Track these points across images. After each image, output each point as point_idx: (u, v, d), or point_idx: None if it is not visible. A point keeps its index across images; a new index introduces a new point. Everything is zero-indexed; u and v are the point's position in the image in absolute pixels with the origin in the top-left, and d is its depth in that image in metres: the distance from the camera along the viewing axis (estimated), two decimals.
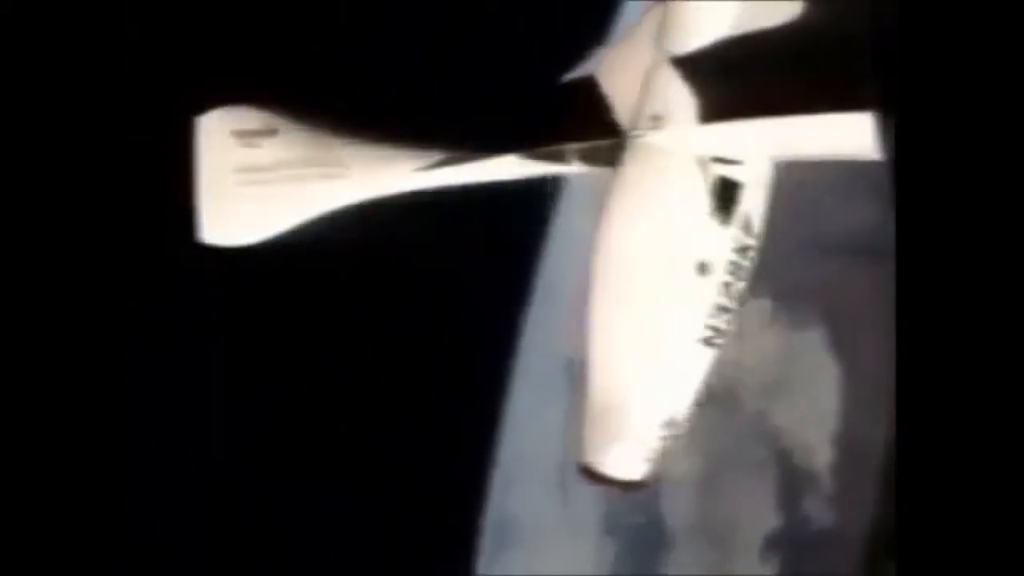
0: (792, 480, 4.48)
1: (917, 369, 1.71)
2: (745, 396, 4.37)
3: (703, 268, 2.91)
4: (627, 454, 2.97)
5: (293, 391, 3.77)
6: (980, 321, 1.68)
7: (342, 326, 3.73)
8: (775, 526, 4.37)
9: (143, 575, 3.72)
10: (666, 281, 2.90)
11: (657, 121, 2.74)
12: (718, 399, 4.10)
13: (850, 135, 2.33)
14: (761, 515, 4.30)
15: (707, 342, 2.97)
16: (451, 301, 3.65)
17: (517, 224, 3.43)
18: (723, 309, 2.96)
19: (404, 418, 3.70)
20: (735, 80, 2.57)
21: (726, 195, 2.90)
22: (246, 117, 3.14)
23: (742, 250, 2.97)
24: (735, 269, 2.96)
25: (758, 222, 2.99)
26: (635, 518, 3.73)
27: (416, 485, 3.77)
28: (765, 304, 4.62)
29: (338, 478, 3.75)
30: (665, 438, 2.98)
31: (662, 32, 2.76)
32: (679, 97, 2.71)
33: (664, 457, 3.01)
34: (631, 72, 2.84)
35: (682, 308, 2.92)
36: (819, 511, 4.41)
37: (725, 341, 3.03)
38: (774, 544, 4.32)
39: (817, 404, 4.45)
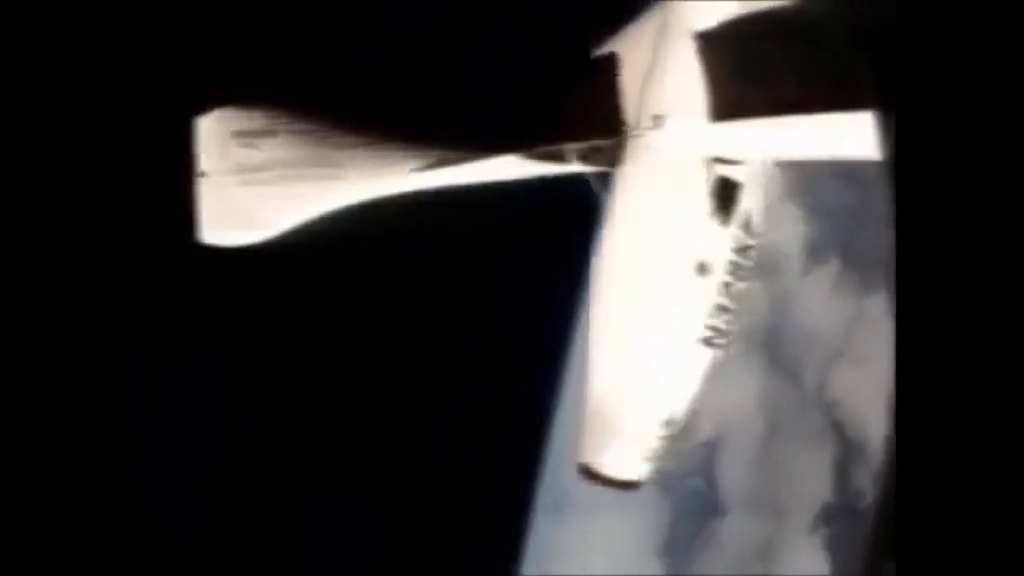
0: (847, 453, 4.48)
1: (917, 369, 1.71)
2: (809, 364, 4.37)
3: (703, 268, 2.91)
4: (626, 454, 2.97)
5: (293, 390, 3.77)
6: (980, 321, 1.68)
7: (342, 326, 3.73)
8: (828, 500, 4.37)
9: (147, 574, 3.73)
10: (666, 281, 2.90)
11: (658, 121, 2.74)
12: (783, 366, 4.09)
13: (850, 135, 2.33)
14: (815, 487, 4.29)
15: (707, 342, 2.97)
16: (467, 292, 3.66)
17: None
18: (723, 309, 2.96)
19: (440, 406, 3.70)
20: (736, 81, 2.57)
21: (726, 195, 2.90)
22: (246, 117, 3.15)
23: (742, 250, 2.97)
24: (735, 269, 2.97)
25: (758, 222, 3.00)
26: (692, 482, 3.71)
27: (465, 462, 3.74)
28: (833, 269, 4.62)
29: (357, 472, 3.75)
30: (664, 438, 2.98)
31: (674, 15, 2.75)
32: (680, 97, 2.71)
33: (662, 457, 3.02)
34: (633, 71, 2.85)
35: (682, 308, 2.92)
36: (871, 486, 4.40)
37: (725, 342, 3.04)
38: (825, 517, 4.31)
39: (877, 375, 4.42)
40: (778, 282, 3.91)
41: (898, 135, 1.79)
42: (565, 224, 3.07)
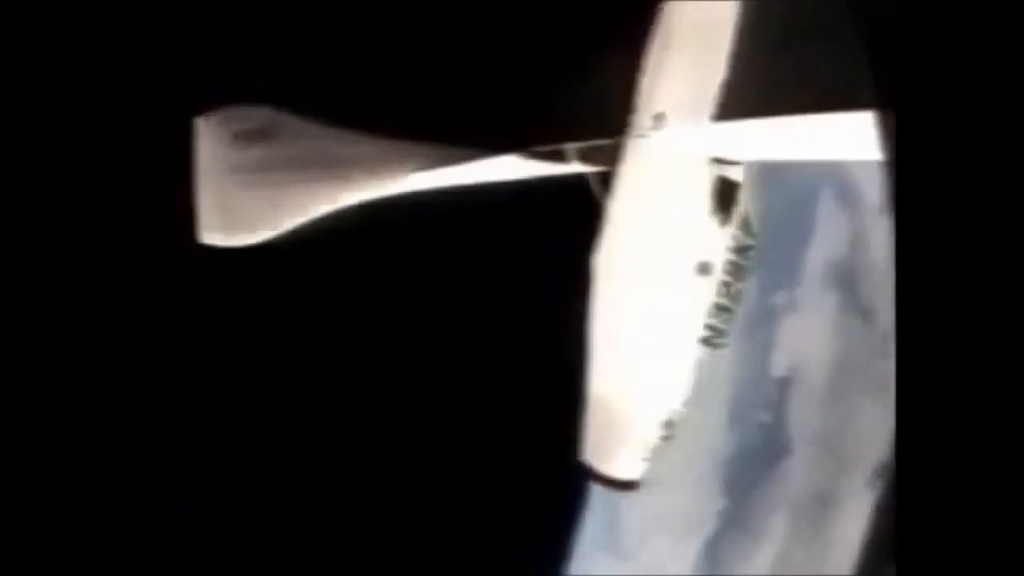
0: None
1: (917, 369, 1.72)
2: (883, 306, 4.33)
3: (703, 268, 2.92)
4: (626, 454, 2.98)
5: (293, 390, 3.77)
6: (981, 321, 1.68)
7: (342, 326, 3.73)
8: (887, 454, 4.33)
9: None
10: (666, 281, 2.90)
11: (658, 121, 2.75)
12: (858, 305, 4.05)
13: (850, 135, 2.34)
14: (877, 440, 4.24)
15: (706, 342, 2.97)
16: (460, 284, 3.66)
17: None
18: (722, 309, 2.97)
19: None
20: (736, 81, 2.57)
21: (726, 195, 2.90)
22: (246, 117, 3.15)
23: (741, 250, 2.97)
24: (734, 269, 2.97)
25: (757, 222, 3.00)
26: (761, 417, 3.66)
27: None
28: None
29: (357, 473, 3.75)
30: (664, 438, 2.98)
31: (674, 16, 2.75)
32: (680, 97, 2.71)
33: (661, 457, 3.02)
34: (633, 71, 2.85)
35: (681, 308, 2.93)
36: None
37: (725, 341, 3.05)
38: (883, 471, 4.28)
39: None
40: (855, 218, 3.85)
41: (898, 135, 1.79)
42: (565, 224, 3.07)
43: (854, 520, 3.82)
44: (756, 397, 3.33)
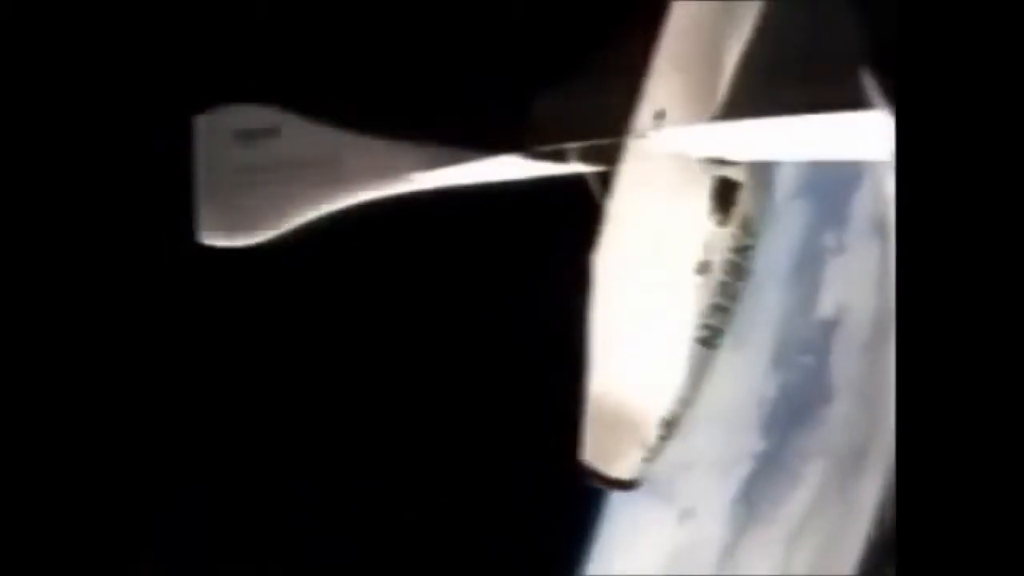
0: None
1: (918, 369, 1.72)
2: None
3: (702, 268, 2.91)
4: (625, 453, 2.97)
5: (293, 391, 3.77)
6: (981, 320, 1.68)
7: (342, 326, 3.74)
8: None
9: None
10: (665, 281, 2.90)
11: (658, 120, 2.74)
12: None
13: (851, 135, 2.33)
14: None
15: (705, 342, 2.97)
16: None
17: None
18: (721, 309, 2.97)
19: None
20: (736, 80, 2.57)
21: (725, 195, 2.90)
22: (246, 117, 3.15)
23: (741, 250, 2.97)
24: (734, 269, 2.97)
25: (757, 222, 3.00)
26: (805, 359, 3.62)
27: None
28: None
29: (358, 474, 3.75)
30: (663, 437, 2.98)
31: (674, 16, 2.75)
32: (680, 96, 2.71)
33: (661, 456, 3.02)
34: (633, 71, 2.84)
35: (681, 308, 2.92)
36: None
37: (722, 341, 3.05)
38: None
39: None
40: None
41: (898, 135, 1.79)
42: (565, 224, 3.07)
43: (880, 479, 3.77)
44: (800, 339, 3.28)
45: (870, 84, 2.02)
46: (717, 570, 3.12)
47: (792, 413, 3.34)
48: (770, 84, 2.52)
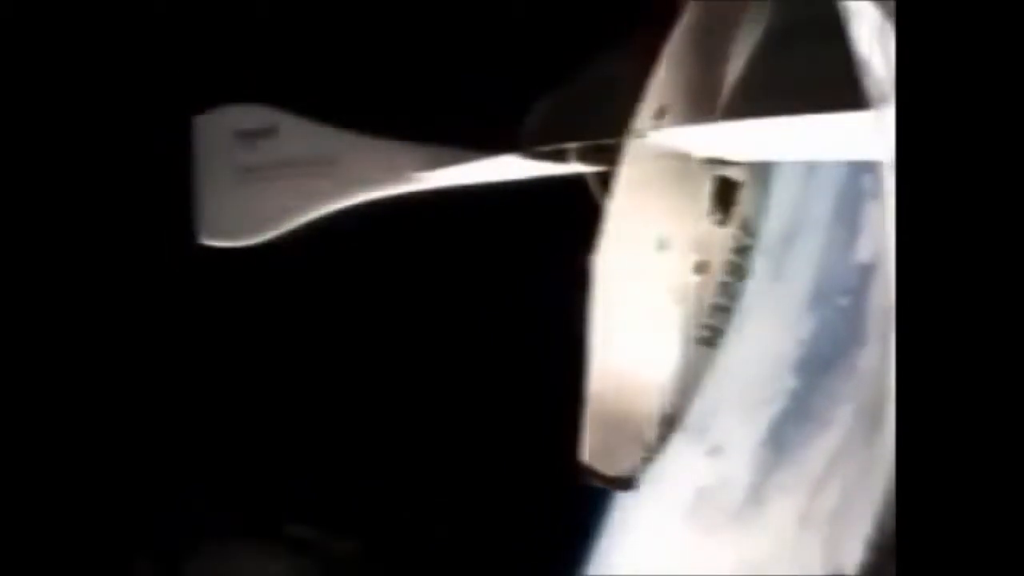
0: None
1: (918, 369, 1.72)
2: None
3: (702, 268, 2.92)
4: (625, 453, 2.97)
5: (293, 391, 3.77)
6: (981, 320, 1.68)
7: (342, 327, 3.73)
8: None
9: None
10: (665, 281, 2.90)
11: (658, 120, 2.74)
12: None
13: (850, 135, 2.33)
14: None
15: (706, 342, 2.97)
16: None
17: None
18: (721, 309, 2.97)
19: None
20: (736, 81, 2.57)
21: (725, 195, 2.90)
22: (246, 116, 3.15)
23: (741, 250, 2.97)
24: (734, 269, 2.97)
25: (757, 222, 3.00)
26: (842, 301, 3.58)
27: None
28: None
29: (358, 474, 3.75)
30: (663, 437, 2.98)
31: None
32: (680, 96, 2.71)
33: (660, 455, 3.02)
34: (633, 71, 2.84)
35: (680, 308, 2.92)
36: None
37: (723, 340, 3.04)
38: None
39: None
40: None
41: (898, 135, 1.79)
42: (564, 224, 3.07)
43: None
44: (838, 280, 3.23)
45: (870, 84, 2.02)
46: (742, 510, 3.10)
47: (826, 355, 3.30)
48: (770, 84, 2.52)
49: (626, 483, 3.04)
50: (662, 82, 2.74)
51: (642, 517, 3.10)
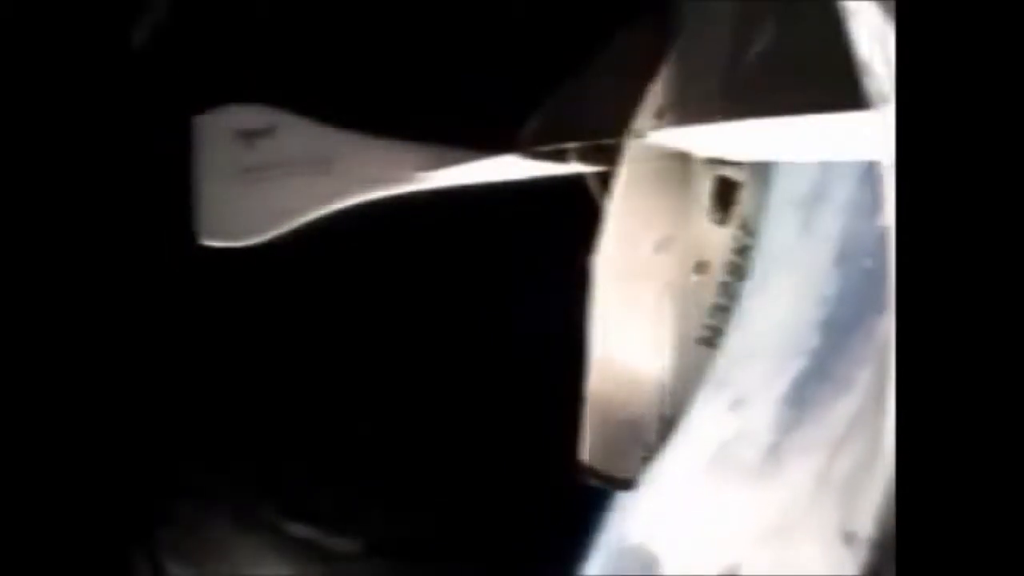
0: None
1: (918, 373, 1.72)
2: None
3: (701, 268, 2.92)
4: (625, 453, 2.97)
5: (293, 391, 3.77)
6: (981, 320, 1.68)
7: (342, 327, 3.74)
8: None
9: None
10: (665, 281, 2.91)
11: (658, 120, 2.74)
12: None
13: (850, 135, 2.34)
14: None
15: (706, 342, 2.97)
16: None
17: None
18: (721, 309, 2.97)
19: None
20: (736, 81, 2.57)
21: (725, 195, 2.91)
22: (246, 116, 3.15)
23: (741, 250, 2.97)
24: (734, 269, 2.97)
25: (757, 222, 3.00)
26: (865, 262, 3.58)
27: None
28: None
29: (359, 474, 3.75)
30: (662, 437, 2.98)
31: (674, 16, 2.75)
32: (680, 96, 2.71)
33: (660, 455, 3.02)
34: (633, 71, 2.85)
35: (680, 308, 2.93)
36: None
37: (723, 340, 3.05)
38: None
39: None
40: None
41: (898, 135, 1.79)
42: (565, 224, 3.07)
43: None
44: (863, 241, 3.22)
45: (868, 84, 2.02)
46: (760, 468, 3.10)
47: (848, 316, 3.28)
48: (770, 84, 2.52)
49: (626, 483, 3.04)
50: (662, 82, 2.74)
51: (665, 470, 3.10)
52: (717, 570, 3.09)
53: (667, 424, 2.98)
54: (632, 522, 3.12)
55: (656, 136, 2.74)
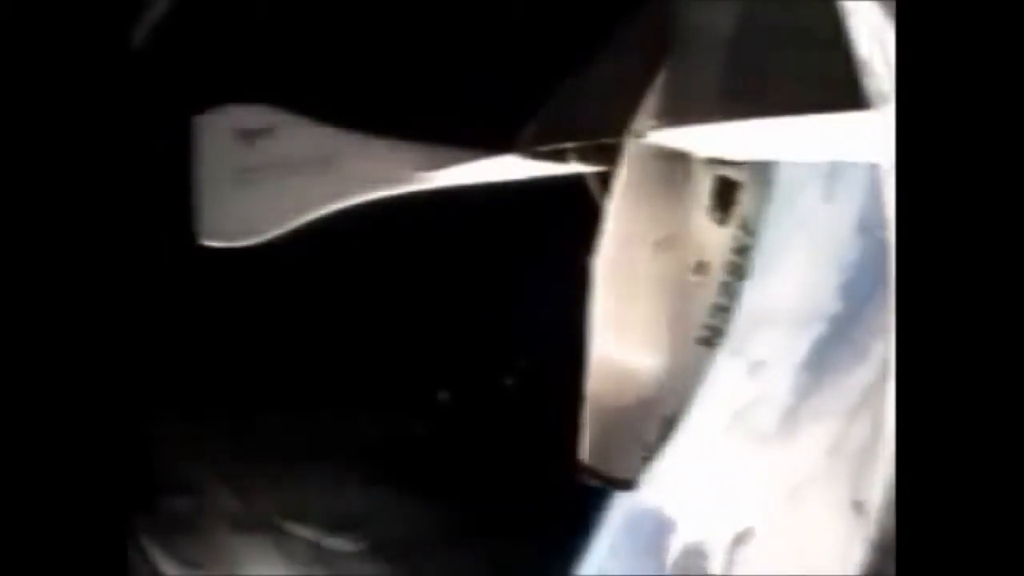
0: None
1: (918, 374, 1.72)
2: None
3: (701, 268, 2.92)
4: (625, 453, 2.98)
5: (293, 391, 3.78)
6: (981, 320, 1.68)
7: (342, 327, 3.74)
8: None
9: None
10: (664, 281, 2.91)
11: (657, 120, 2.74)
12: None
13: (850, 135, 2.34)
14: None
15: (706, 342, 2.97)
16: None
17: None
18: (721, 309, 2.97)
19: None
20: (736, 81, 2.57)
21: (725, 195, 2.91)
22: (246, 116, 3.15)
23: (741, 250, 2.97)
24: (734, 269, 2.97)
25: (757, 222, 3.00)
26: (879, 232, 3.59)
27: None
28: None
29: (359, 473, 3.76)
30: (662, 437, 2.98)
31: (674, 15, 2.75)
32: (680, 96, 2.71)
33: (660, 455, 3.02)
34: (634, 71, 2.85)
35: (680, 308, 2.93)
36: None
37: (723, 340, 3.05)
38: None
39: None
40: None
41: (898, 135, 1.79)
42: (565, 224, 3.07)
43: None
44: (881, 212, 3.24)
45: (867, 84, 2.02)
46: (776, 433, 3.09)
47: (867, 285, 3.27)
48: (770, 84, 2.52)
49: (626, 483, 3.04)
50: (662, 82, 2.74)
51: (684, 433, 3.10)
52: (730, 533, 3.09)
53: (667, 424, 2.98)
54: (648, 485, 3.11)
55: (656, 136, 2.74)
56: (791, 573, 2.83)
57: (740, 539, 3.08)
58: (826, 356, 3.11)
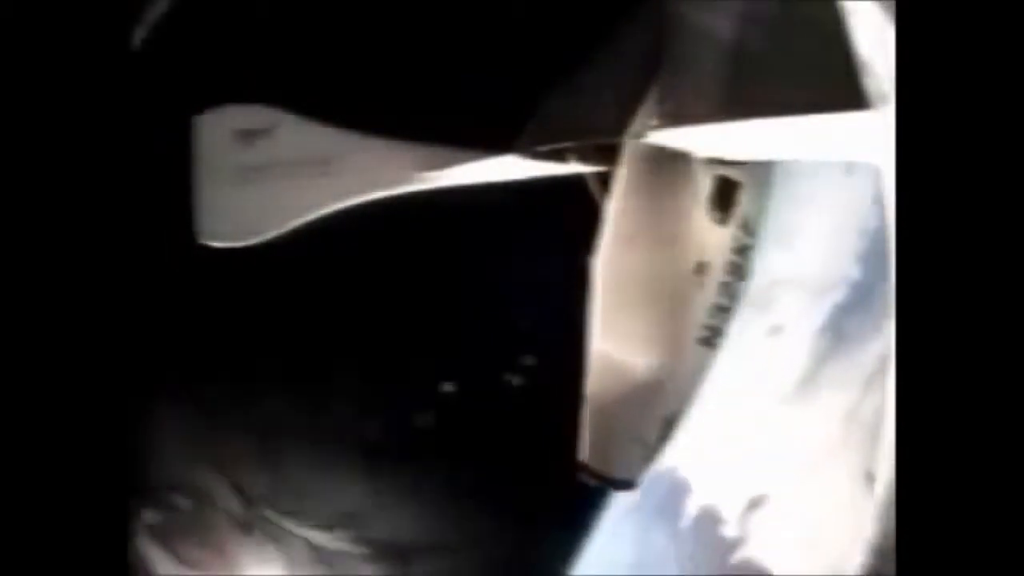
0: None
1: (918, 371, 1.72)
2: None
3: (701, 268, 2.92)
4: (625, 454, 2.97)
5: (293, 391, 3.78)
6: (981, 320, 1.68)
7: (342, 327, 3.74)
8: None
9: None
10: (664, 281, 2.90)
11: (658, 120, 2.74)
12: None
13: (850, 135, 2.34)
14: None
15: (706, 342, 2.97)
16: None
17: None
18: (721, 309, 2.97)
19: None
20: (735, 81, 2.57)
21: (725, 195, 2.91)
22: (246, 116, 3.15)
23: (741, 250, 2.97)
24: (734, 269, 2.97)
25: (757, 222, 3.00)
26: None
27: None
28: None
29: (359, 473, 3.77)
30: (663, 437, 2.98)
31: (674, 15, 2.74)
32: (680, 96, 2.71)
33: (660, 455, 3.02)
34: (633, 71, 2.85)
35: (680, 308, 2.93)
36: None
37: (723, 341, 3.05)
38: None
39: None
40: None
41: (898, 135, 1.79)
42: (565, 224, 3.07)
43: None
44: None
45: (869, 84, 2.02)
46: (793, 397, 3.08)
47: (885, 253, 3.29)
48: (770, 84, 2.52)
49: (626, 483, 3.04)
50: (662, 82, 2.74)
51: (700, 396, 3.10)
52: (745, 499, 3.09)
53: (667, 424, 2.98)
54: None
55: (656, 136, 2.73)
56: (804, 540, 2.82)
57: (754, 504, 3.08)
58: (846, 323, 3.11)
